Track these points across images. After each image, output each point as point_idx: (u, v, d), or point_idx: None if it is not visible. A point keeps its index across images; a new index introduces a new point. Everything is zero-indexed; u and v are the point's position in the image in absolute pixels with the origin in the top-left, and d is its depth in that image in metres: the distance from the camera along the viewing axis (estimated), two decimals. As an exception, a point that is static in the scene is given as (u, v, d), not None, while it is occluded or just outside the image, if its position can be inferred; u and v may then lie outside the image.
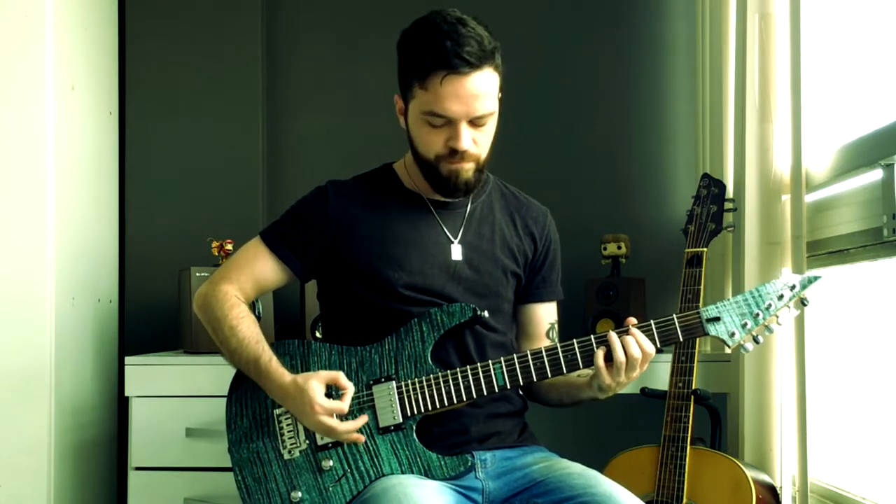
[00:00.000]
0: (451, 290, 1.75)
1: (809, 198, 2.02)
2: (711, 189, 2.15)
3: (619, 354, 1.59)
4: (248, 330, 1.71)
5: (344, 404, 1.61)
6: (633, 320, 1.63)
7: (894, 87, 1.85)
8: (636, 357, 1.59)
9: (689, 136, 2.78)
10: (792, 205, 2.03)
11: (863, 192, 1.82)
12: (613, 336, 1.60)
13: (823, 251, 1.98)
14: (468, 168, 1.71)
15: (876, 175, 1.75)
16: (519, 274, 1.84)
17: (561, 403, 1.83)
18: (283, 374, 1.65)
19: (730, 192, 2.22)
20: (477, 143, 1.70)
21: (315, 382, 1.61)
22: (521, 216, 1.87)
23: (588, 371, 1.67)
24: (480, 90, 1.65)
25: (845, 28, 2.09)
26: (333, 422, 1.61)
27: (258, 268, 1.80)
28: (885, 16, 1.91)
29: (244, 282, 1.79)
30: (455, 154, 1.69)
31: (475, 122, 1.68)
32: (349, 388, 1.63)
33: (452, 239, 1.79)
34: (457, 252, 1.78)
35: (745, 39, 2.15)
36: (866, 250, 1.81)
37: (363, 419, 1.65)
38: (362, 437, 1.64)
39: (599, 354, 1.61)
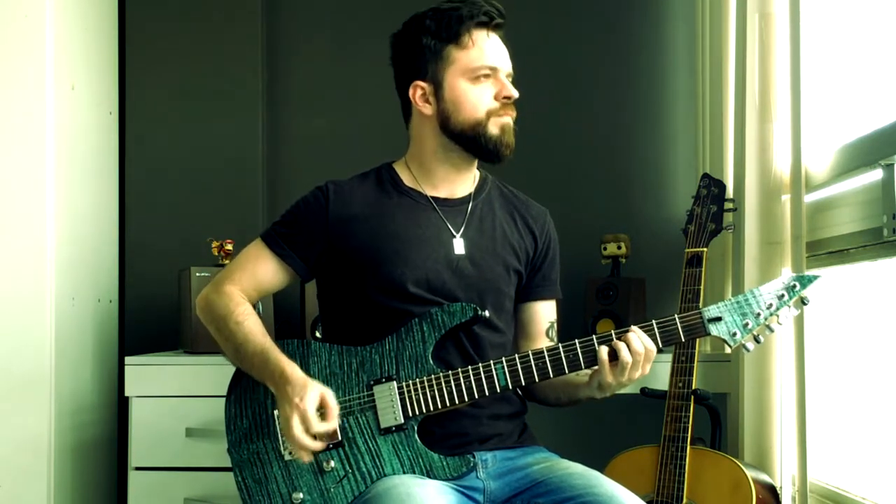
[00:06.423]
0: (452, 286, 1.74)
1: (809, 198, 2.02)
2: (711, 189, 2.16)
3: (625, 355, 1.59)
4: (255, 325, 1.71)
5: (330, 426, 1.59)
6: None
7: (894, 87, 1.85)
8: (640, 352, 1.59)
9: (689, 136, 2.78)
10: (792, 205, 2.03)
11: (863, 192, 1.82)
12: (617, 338, 1.60)
13: (823, 251, 1.98)
14: (512, 121, 1.77)
15: (876, 175, 1.75)
16: (520, 271, 1.84)
17: (559, 403, 1.83)
18: (296, 369, 1.62)
19: (730, 192, 2.22)
20: None
21: (313, 395, 1.58)
22: (520, 214, 1.87)
23: (588, 371, 1.66)
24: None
25: (845, 28, 2.09)
26: (305, 437, 1.57)
27: (260, 269, 1.80)
28: (885, 16, 1.91)
29: (246, 283, 1.79)
30: (508, 102, 1.75)
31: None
32: (334, 410, 1.60)
33: (455, 233, 1.79)
34: (459, 246, 1.78)
35: (745, 39, 2.16)
36: (866, 250, 1.81)
37: (319, 445, 1.60)
38: (307, 459, 1.60)
39: (603, 350, 1.60)
